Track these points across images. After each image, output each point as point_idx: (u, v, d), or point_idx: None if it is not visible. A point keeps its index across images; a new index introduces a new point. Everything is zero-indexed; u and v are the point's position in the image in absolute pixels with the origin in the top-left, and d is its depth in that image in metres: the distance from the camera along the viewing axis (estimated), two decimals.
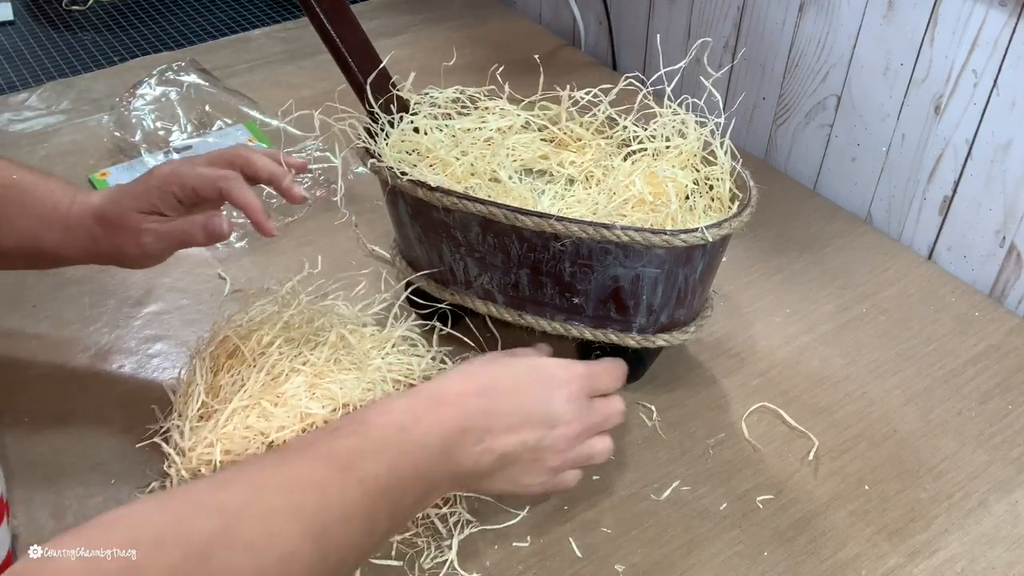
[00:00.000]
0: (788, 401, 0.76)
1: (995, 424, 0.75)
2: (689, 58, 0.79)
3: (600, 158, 0.78)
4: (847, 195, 1.00)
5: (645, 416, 0.75)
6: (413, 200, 0.71)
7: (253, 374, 0.65)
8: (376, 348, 0.70)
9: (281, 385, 0.64)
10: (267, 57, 1.25)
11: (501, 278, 0.72)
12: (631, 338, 0.71)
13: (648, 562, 0.64)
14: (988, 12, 0.80)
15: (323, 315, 0.72)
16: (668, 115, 0.76)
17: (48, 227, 0.69)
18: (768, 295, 0.87)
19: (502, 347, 0.77)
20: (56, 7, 1.42)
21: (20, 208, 0.69)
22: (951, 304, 0.86)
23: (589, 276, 0.68)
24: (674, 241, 0.64)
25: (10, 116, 1.11)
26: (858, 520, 0.67)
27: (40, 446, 0.72)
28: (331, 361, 0.67)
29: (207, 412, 0.66)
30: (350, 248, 0.91)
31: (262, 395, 0.64)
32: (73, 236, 0.69)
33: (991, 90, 0.83)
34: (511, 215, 0.67)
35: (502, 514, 0.67)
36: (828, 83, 0.97)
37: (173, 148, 1.02)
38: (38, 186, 0.70)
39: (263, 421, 0.63)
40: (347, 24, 0.74)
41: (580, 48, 1.29)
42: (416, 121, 0.78)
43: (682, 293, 0.69)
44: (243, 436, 0.62)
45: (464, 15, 1.36)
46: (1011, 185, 0.84)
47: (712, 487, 0.69)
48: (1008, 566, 0.64)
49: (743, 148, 1.08)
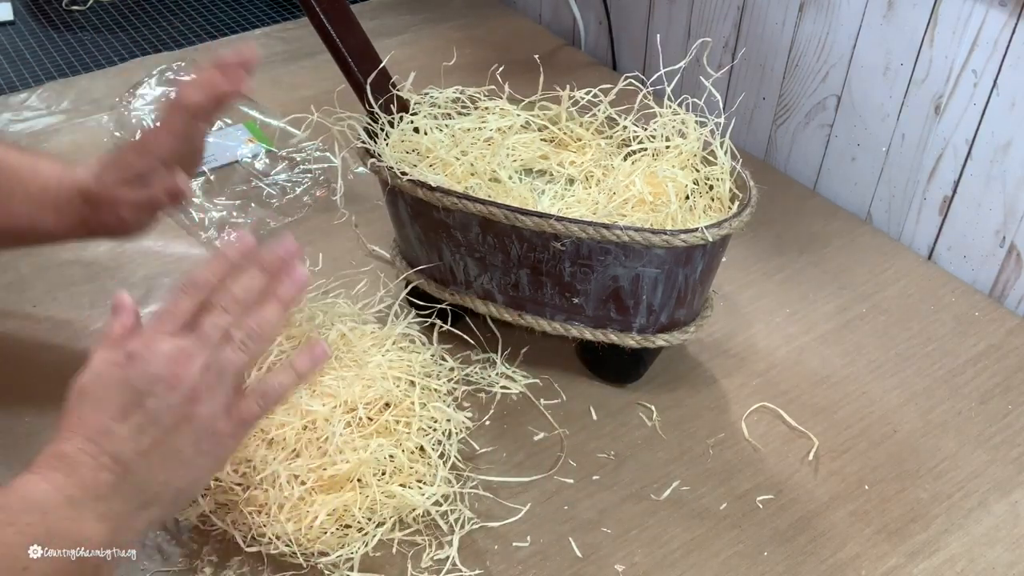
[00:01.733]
0: (788, 401, 0.76)
1: (995, 424, 0.75)
2: (689, 58, 0.79)
3: (600, 158, 0.78)
4: (847, 195, 1.00)
5: (645, 416, 0.75)
6: (413, 200, 0.71)
7: (254, 371, 0.65)
8: (376, 346, 0.70)
9: None
10: (267, 57, 1.25)
11: (501, 278, 0.72)
12: (631, 338, 0.71)
13: (648, 562, 0.64)
14: (988, 12, 0.80)
15: (324, 312, 0.72)
16: (668, 115, 0.76)
17: (40, 209, 0.70)
18: (768, 295, 0.87)
19: (502, 346, 0.78)
20: (56, 7, 1.42)
21: (10, 192, 0.70)
22: (951, 304, 0.86)
23: (589, 276, 0.68)
24: (674, 241, 0.64)
25: (10, 116, 1.11)
26: (858, 520, 0.67)
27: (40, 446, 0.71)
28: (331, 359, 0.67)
29: None
30: (350, 248, 0.91)
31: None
32: (63, 216, 0.70)
33: (991, 90, 0.83)
34: (511, 215, 0.67)
35: (503, 512, 0.67)
36: (828, 83, 0.97)
37: None
38: (26, 167, 0.71)
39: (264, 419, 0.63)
40: (347, 24, 0.74)
41: (580, 48, 1.29)
42: (416, 121, 0.78)
43: (682, 293, 0.69)
44: None
45: (464, 15, 1.36)
46: (1011, 185, 0.84)
47: (712, 487, 0.69)
48: (1008, 566, 0.64)
49: (743, 148, 1.08)
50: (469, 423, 0.71)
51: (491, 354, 0.78)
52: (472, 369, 0.77)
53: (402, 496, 0.64)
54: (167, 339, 0.55)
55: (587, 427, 0.74)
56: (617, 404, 0.75)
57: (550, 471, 0.70)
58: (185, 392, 0.53)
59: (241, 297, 0.57)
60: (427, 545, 0.64)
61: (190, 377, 0.54)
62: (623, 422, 0.74)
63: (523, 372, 0.77)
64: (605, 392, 0.76)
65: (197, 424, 0.54)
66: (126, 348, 0.54)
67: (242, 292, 0.57)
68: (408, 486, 0.65)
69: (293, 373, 0.57)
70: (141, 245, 0.91)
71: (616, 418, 0.74)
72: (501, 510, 0.67)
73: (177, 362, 0.54)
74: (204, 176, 0.98)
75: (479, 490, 0.68)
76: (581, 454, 0.71)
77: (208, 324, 0.55)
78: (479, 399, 0.75)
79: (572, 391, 0.76)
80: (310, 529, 0.62)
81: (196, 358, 0.54)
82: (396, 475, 0.65)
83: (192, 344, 0.55)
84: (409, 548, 0.64)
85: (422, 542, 0.64)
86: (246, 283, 0.57)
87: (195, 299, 0.56)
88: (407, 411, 0.67)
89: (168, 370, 0.53)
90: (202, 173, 0.99)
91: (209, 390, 0.54)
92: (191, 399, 0.53)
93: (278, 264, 0.58)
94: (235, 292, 0.57)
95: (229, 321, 0.56)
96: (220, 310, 0.56)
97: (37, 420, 0.73)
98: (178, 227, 0.93)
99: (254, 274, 0.58)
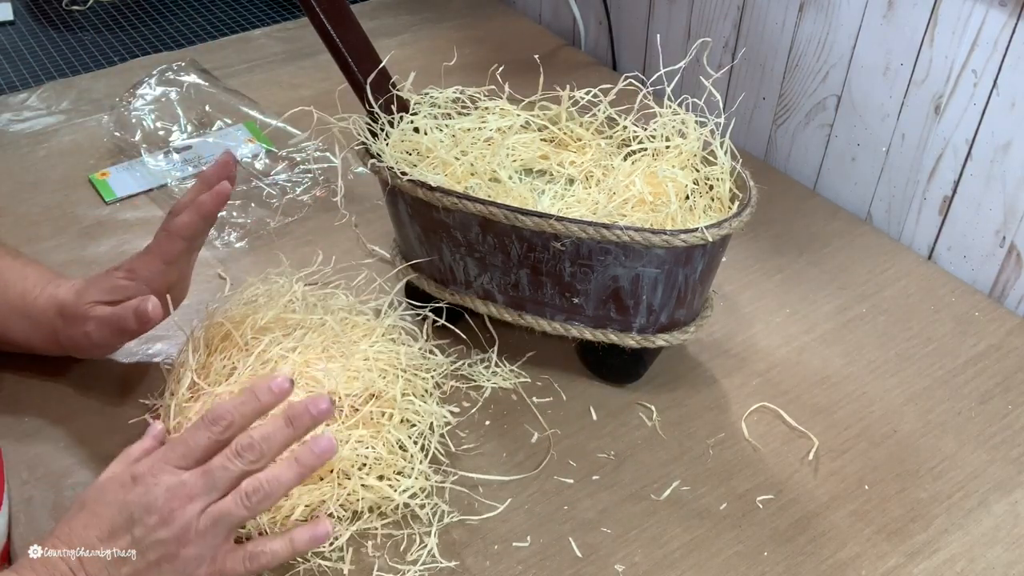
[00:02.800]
0: (788, 401, 0.76)
1: (995, 424, 0.75)
2: (689, 58, 0.79)
3: (600, 158, 0.78)
4: (847, 195, 1.00)
5: (645, 416, 0.75)
6: (413, 200, 0.71)
7: (244, 358, 0.66)
8: (366, 337, 0.70)
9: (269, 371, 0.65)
10: (267, 57, 1.25)
11: (501, 278, 0.72)
12: (631, 338, 0.71)
13: (648, 562, 0.64)
14: (988, 12, 0.80)
15: (318, 302, 0.72)
16: (668, 115, 0.76)
17: (17, 316, 0.70)
18: (768, 295, 0.87)
19: (503, 346, 0.78)
20: (56, 7, 1.42)
21: None
22: (951, 304, 0.86)
23: (589, 276, 0.68)
24: (674, 241, 0.64)
25: (10, 116, 1.11)
26: (858, 520, 0.67)
27: (40, 446, 0.72)
28: (320, 349, 0.67)
29: (196, 393, 0.67)
30: (350, 248, 0.91)
31: (250, 381, 0.65)
32: (37, 326, 0.70)
33: (991, 90, 0.83)
34: (511, 215, 0.67)
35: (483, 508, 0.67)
36: (828, 83, 0.97)
37: (173, 148, 1.02)
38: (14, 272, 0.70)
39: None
40: (347, 24, 0.74)
41: (580, 48, 1.29)
42: (416, 121, 0.78)
43: (682, 293, 0.69)
44: None
45: (464, 15, 1.36)
46: (1011, 185, 0.84)
47: (712, 487, 0.69)
48: (1008, 566, 0.64)
49: (743, 148, 1.08)
50: (451, 418, 0.71)
51: (489, 352, 0.78)
52: (463, 364, 0.77)
53: (379, 489, 0.64)
54: (174, 472, 0.54)
55: (587, 427, 0.74)
56: (617, 404, 0.76)
57: (535, 470, 0.70)
58: (176, 531, 0.53)
59: (260, 447, 0.55)
60: (404, 538, 0.64)
61: (185, 517, 0.53)
62: (623, 422, 0.74)
63: (517, 370, 0.77)
64: (605, 392, 0.76)
65: (179, 565, 0.53)
66: (133, 470, 0.54)
67: (262, 441, 0.55)
68: (387, 479, 0.65)
69: (290, 545, 0.57)
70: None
71: (616, 418, 0.74)
72: (482, 506, 0.67)
73: (177, 498, 0.53)
74: None
75: (459, 486, 0.68)
76: (581, 454, 0.71)
77: (219, 467, 0.54)
78: (471, 396, 0.75)
79: (572, 391, 0.76)
80: (286, 519, 0.62)
81: (197, 500, 0.54)
82: (375, 467, 0.65)
83: (197, 484, 0.54)
84: (387, 540, 0.64)
85: (400, 535, 0.65)
86: (269, 433, 0.55)
87: (214, 436, 0.55)
88: (391, 403, 0.67)
89: (166, 504, 0.53)
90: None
91: (200, 535, 0.53)
92: (180, 539, 0.53)
93: (307, 422, 0.56)
94: (255, 439, 0.55)
95: (241, 470, 0.54)
96: (235, 454, 0.55)
97: (37, 420, 0.73)
98: None
99: (279, 425, 0.56)
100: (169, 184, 0.98)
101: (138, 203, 0.97)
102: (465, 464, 0.70)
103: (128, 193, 0.98)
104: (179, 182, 0.98)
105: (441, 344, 0.76)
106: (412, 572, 0.62)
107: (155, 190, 0.98)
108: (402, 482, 0.65)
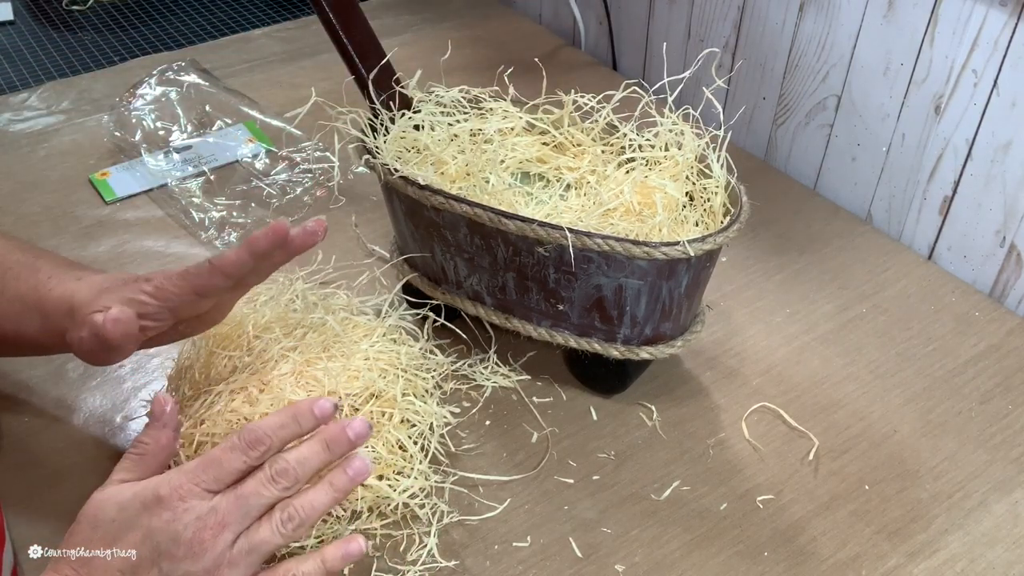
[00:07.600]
0: (788, 401, 0.76)
1: (995, 424, 0.75)
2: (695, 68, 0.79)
3: (597, 164, 0.78)
4: (847, 195, 1.00)
5: (645, 416, 0.75)
6: (405, 197, 0.71)
7: (245, 358, 0.66)
8: (367, 337, 0.70)
9: (270, 370, 0.65)
10: (267, 57, 1.25)
11: (489, 280, 0.72)
12: (615, 348, 0.70)
13: (648, 562, 0.64)
14: (988, 12, 0.80)
15: (319, 302, 0.72)
16: (667, 125, 0.75)
17: (28, 310, 0.64)
18: (768, 295, 0.87)
19: (503, 346, 0.78)
20: (56, 7, 1.42)
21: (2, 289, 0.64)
22: (951, 304, 0.86)
23: (573, 283, 0.68)
24: (655, 253, 0.63)
25: (10, 116, 1.11)
26: (858, 520, 0.67)
27: (40, 446, 0.72)
28: (321, 348, 0.67)
29: (197, 392, 0.67)
30: (350, 248, 0.91)
31: (250, 379, 0.65)
32: (48, 324, 0.63)
33: (991, 90, 0.83)
34: (495, 217, 0.66)
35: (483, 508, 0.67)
36: (828, 83, 0.97)
37: (173, 148, 1.02)
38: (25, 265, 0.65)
39: (247, 406, 0.63)
40: (352, 18, 0.73)
41: (580, 48, 1.29)
42: (416, 119, 0.78)
43: (667, 307, 0.69)
44: (227, 419, 0.63)
45: (464, 15, 1.36)
46: (1011, 185, 0.84)
47: (712, 487, 0.69)
48: (1008, 566, 0.64)
49: (743, 148, 1.08)
50: (451, 418, 0.71)
51: (489, 352, 0.78)
52: (463, 364, 0.77)
53: (379, 489, 0.64)
54: (204, 497, 0.51)
55: (587, 427, 0.74)
56: (617, 404, 0.75)
57: (535, 470, 0.70)
58: (207, 564, 0.49)
59: (295, 473, 0.53)
60: (404, 538, 0.64)
61: (217, 549, 0.50)
62: (623, 422, 0.74)
63: (518, 370, 0.77)
64: None
65: None
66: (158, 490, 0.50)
67: (297, 466, 0.53)
68: (387, 479, 0.65)
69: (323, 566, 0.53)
70: (141, 245, 0.91)
71: (616, 418, 0.74)
72: (482, 506, 0.67)
73: (208, 528, 0.50)
74: (204, 176, 0.98)
75: (459, 486, 0.68)
76: (581, 454, 0.71)
77: (253, 493, 0.51)
78: (471, 396, 0.75)
79: (572, 391, 0.76)
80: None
81: (228, 529, 0.50)
82: (375, 467, 0.65)
83: (230, 511, 0.51)
84: (386, 541, 0.64)
85: (399, 535, 0.65)
86: (305, 457, 0.53)
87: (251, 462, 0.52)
88: (391, 403, 0.67)
89: (196, 535, 0.49)
90: (202, 173, 0.99)
91: (232, 566, 0.50)
92: (210, 572, 0.50)
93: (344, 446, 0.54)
94: (291, 464, 0.53)
95: (276, 497, 0.52)
96: (270, 480, 0.52)
97: (37, 420, 0.73)
98: (178, 227, 0.93)
99: (316, 450, 0.53)
100: (169, 184, 0.98)
101: (138, 203, 0.97)
102: (465, 464, 0.70)
103: (128, 193, 0.98)
104: (179, 182, 0.98)
105: (441, 344, 0.76)
106: (412, 572, 0.62)
107: (155, 190, 0.98)
108: (402, 482, 0.65)
